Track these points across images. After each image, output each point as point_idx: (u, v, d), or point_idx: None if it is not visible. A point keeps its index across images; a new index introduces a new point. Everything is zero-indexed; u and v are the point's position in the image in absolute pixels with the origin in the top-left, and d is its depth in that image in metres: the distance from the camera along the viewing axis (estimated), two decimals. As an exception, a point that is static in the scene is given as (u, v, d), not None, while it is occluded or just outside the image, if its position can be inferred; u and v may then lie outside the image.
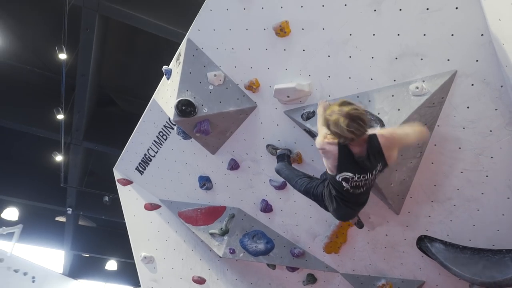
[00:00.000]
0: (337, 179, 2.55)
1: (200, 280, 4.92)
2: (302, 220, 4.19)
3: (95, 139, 8.50)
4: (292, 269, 4.51)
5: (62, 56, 5.25)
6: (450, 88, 2.82)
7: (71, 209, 10.07)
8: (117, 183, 5.29)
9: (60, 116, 6.40)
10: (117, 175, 5.27)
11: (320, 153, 2.60)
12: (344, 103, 2.35)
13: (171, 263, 5.01)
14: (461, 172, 3.11)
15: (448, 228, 3.43)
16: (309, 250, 4.33)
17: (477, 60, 2.67)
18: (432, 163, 3.18)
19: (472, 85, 2.75)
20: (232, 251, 4.48)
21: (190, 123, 3.76)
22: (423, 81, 2.85)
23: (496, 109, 2.76)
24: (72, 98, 7.11)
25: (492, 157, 2.94)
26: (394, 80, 2.99)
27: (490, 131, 2.85)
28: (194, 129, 3.80)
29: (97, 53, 7.03)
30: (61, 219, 11.64)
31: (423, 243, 3.59)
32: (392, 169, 3.14)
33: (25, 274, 10.28)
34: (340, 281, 4.38)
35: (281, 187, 4.04)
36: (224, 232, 4.55)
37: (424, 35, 2.74)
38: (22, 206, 11.02)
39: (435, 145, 3.10)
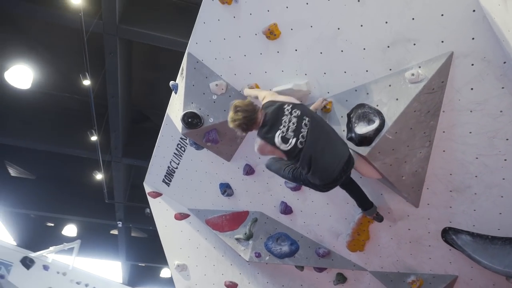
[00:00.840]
0: (281, 148, 2.74)
1: (232, 285, 5.01)
2: (322, 219, 4.13)
3: (133, 155, 8.96)
4: (320, 269, 4.45)
5: (86, 82, 5.64)
6: (449, 71, 2.65)
7: (121, 222, 10.68)
8: (148, 196, 5.55)
9: (94, 138, 6.85)
10: (147, 188, 5.53)
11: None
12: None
13: (203, 269, 5.16)
14: (476, 158, 2.90)
15: (472, 218, 3.20)
16: (334, 249, 4.26)
17: (473, 38, 2.48)
18: (444, 151, 3.00)
19: (472, 65, 2.57)
20: (258, 255, 4.52)
21: (199, 134, 3.87)
22: (419, 67, 2.71)
23: (502, 88, 2.55)
24: (106, 118, 7.58)
25: (507, 139, 2.72)
26: (390, 69, 2.87)
27: (501, 111, 2.64)
28: (203, 139, 3.90)
29: (124, 73, 7.43)
30: (115, 232, 12.38)
31: (448, 235, 3.39)
32: (400, 161, 3.02)
33: (86, 285, 11.07)
34: (370, 279, 4.25)
35: (296, 188, 4.02)
36: (249, 237, 4.60)
37: (413, 19, 2.61)
38: (79, 223, 11.90)
39: (443, 132, 2.92)
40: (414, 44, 2.69)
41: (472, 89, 2.65)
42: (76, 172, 10.27)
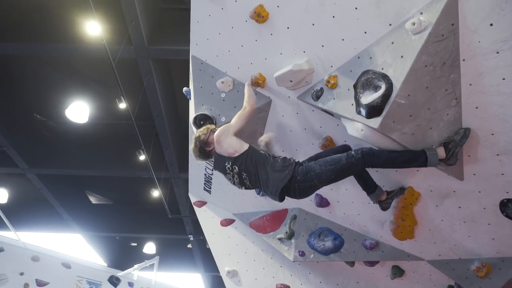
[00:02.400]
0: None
1: (284, 287, 4.78)
2: (362, 208, 3.74)
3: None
4: (371, 263, 4.04)
5: (122, 106, 5.95)
6: (458, 9, 2.19)
7: (192, 236, 11.06)
8: (193, 206, 5.62)
9: (142, 157, 7.19)
10: (192, 198, 5.60)
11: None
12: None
13: (253, 274, 5.02)
14: (519, 109, 2.35)
15: (534, 183, 2.61)
16: (382, 239, 3.82)
17: (476, -38, 2.02)
18: (477, 107, 2.50)
19: (484, -5, 2.09)
20: (302, 253, 4.25)
21: (214, 135, 3.77)
22: (421, 14, 2.29)
23: (530, 13, 2.03)
24: (154, 135, 7.94)
25: (554, 78, 2.15)
26: (390, 25, 2.48)
27: (535, 44, 2.10)
28: (220, 140, 3.79)
29: (166, 91, 7.72)
30: (191, 246, 12.87)
31: (509, 208, 2.80)
32: (424, 128, 2.58)
33: (170, 298, 11.65)
34: (430, 270, 3.72)
35: (326, 177, 3.69)
36: (290, 235, 4.36)
37: (399, -41, 2.22)
38: (157, 240, 12.61)
39: (470, 84, 2.43)
40: (409, -12, 2.29)
41: (491, 25, 2.16)
42: (145, 192, 10.90)
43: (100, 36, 4.93)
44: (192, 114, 3.90)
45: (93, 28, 4.96)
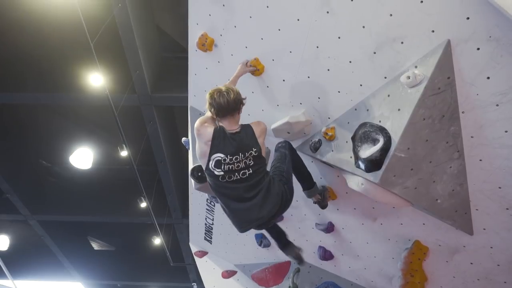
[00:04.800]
0: (210, 167, 2.51)
1: None
2: (368, 261, 3.54)
3: (193, 214, 9.04)
4: (382, 322, 3.74)
5: (124, 153, 5.94)
6: (452, 62, 2.16)
7: (195, 284, 10.64)
8: (194, 256, 5.42)
9: (143, 205, 7.08)
10: (193, 248, 5.41)
11: (195, 138, 2.57)
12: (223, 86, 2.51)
13: (256, 331, 4.71)
14: (526, 162, 2.24)
15: (549, 240, 2.44)
16: (392, 296, 3.57)
17: (467, 18, 2.01)
18: (481, 160, 2.39)
19: (478, 49, 2.06)
20: (307, 311, 3.99)
21: (213, 186, 3.68)
22: (416, 67, 2.26)
23: (527, 67, 1.98)
24: (156, 179, 7.87)
25: (557, 130, 2.06)
26: (385, 78, 2.45)
27: (535, 96, 2.04)
28: (219, 191, 3.70)
29: (170, 137, 7.75)
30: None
31: (524, 266, 2.61)
32: (427, 181, 2.47)
33: None
34: (446, 331, 3.43)
35: (328, 229, 3.55)
36: (294, 290, 4.12)
37: (391, 15, 2.23)
38: (160, 288, 12.17)
39: (472, 137, 2.34)
40: (402, 43, 2.28)
41: (488, 78, 2.11)
42: (149, 238, 10.66)
43: (104, 86, 5.02)
44: (190, 165, 3.84)
45: (96, 80, 5.07)
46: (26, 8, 5.76)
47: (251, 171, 2.51)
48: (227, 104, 2.44)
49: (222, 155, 2.47)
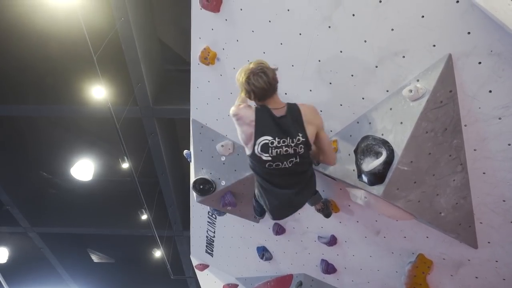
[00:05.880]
0: (256, 152, 2.27)
1: None
2: (371, 275, 3.50)
3: (194, 226, 8.98)
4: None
5: (125, 165, 5.94)
6: (454, 76, 2.17)
7: (196, 297, 10.51)
8: (195, 269, 5.37)
9: (144, 217, 7.04)
10: (194, 261, 5.36)
11: (236, 125, 2.38)
12: (251, 63, 2.21)
13: None
14: (529, 175, 2.24)
15: (555, 253, 2.42)
16: (396, 310, 3.53)
17: (468, 33, 2.03)
18: (484, 173, 2.39)
19: (480, 63, 2.07)
20: (310, 325, 3.94)
21: (215, 199, 3.68)
22: (417, 81, 2.27)
23: (528, 80, 1.99)
24: (157, 192, 7.84)
25: (561, 143, 2.06)
26: (387, 91, 2.46)
27: (538, 110, 2.04)
28: (221, 204, 3.69)
29: (171, 149, 7.76)
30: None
31: (530, 280, 2.58)
32: (430, 195, 2.46)
33: None
34: None
35: (331, 242, 3.52)
36: (296, 304, 4.07)
37: (392, 29, 2.25)
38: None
39: (474, 150, 2.34)
40: (403, 57, 2.29)
41: (490, 91, 2.12)
42: (149, 250, 10.57)
43: (106, 98, 5.04)
44: (192, 178, 3.83)
45: (99, 92, 5.09)
46: (29, 21, 5.83)
47: (298, 160, 2.31)
48: (269, 85, 2.16)
49: (269, 138, 2.23)
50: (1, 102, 6.89)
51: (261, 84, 2.13)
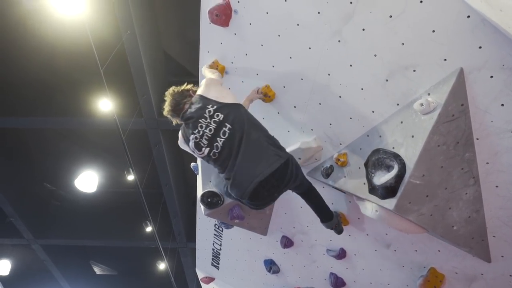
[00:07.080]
0: (198, 153, 2.46)
1: None
2: (381, 289, 3.45)
3: (198, 238, 8.93)
4: None
5: (131, 177, 5.93)
6: (466, 90, 2.17)
7: (199, 310, 10.38)
8: (201, 282, 5.32)
9: (149, 229, 7.00)
10: (200, 274, 5.33)
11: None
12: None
13: None
14: (543, 188, 2.22)
15: None
16: (407, 325, 3.47)
17: (480, 47, 2.04)
18: (497, 186, 2.37)
19: (492, 77, 2.08)
20: None
21: (223, 212, 3.65)
22: (428, 94, 2.28)
23: (541, 94, 1.99)
24: (161, 203, 7.80)
25: None
26: (397, 104, 2.47)
27: (551, 124, 2.04)
28: (229, 217, 3.66)
29: (175, 161, 7.75)
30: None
31: (545, 295, 2.54)
32: (443, 208, 2.44)
33: None
34: None
35: (340, 255, 3.49)
36: (305, 319, 4.02)
37: (402, 44, 2.26)
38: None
39: (487, 163, 2.33)
40: (414, 71, 2.30)
41: (502, 105, 2.12)
42: (152, 263, 10.49)
43: (112, 110, 5.06)
44: (199, 190, 3.81)
45: (105, 105, 5.12)
46: (37, 34, 5.88)
47: (230, 126, 2.32)
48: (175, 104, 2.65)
49: (192, 135, 2.42)
50: (8, 114, 6.92)
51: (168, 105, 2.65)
